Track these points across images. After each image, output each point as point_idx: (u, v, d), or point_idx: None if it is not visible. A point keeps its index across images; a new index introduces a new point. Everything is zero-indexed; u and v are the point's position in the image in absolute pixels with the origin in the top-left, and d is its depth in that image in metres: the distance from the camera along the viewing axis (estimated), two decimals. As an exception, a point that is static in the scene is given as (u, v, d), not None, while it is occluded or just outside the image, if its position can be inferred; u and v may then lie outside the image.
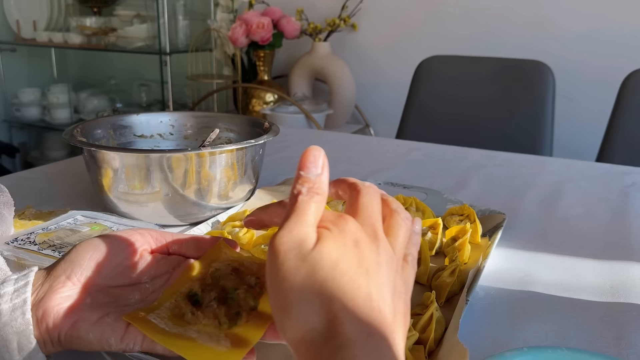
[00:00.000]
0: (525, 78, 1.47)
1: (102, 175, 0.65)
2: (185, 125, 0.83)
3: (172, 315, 0.36)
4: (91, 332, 0.34)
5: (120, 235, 0.39)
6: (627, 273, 0.59)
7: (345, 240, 0.30)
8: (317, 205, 0.31)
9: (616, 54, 1.82)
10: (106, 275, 0.37)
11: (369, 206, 0.33)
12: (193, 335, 0.35)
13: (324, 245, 0.29)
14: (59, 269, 0.37)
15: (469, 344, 0.39)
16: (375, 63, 2.25)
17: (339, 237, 0.30)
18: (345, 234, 0.30)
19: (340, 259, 0.29)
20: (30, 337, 0.33)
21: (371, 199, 0.33)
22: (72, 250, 0.38)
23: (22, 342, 0.33)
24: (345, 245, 0.29)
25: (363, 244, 0.30)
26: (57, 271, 0.36)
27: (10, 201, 0.59)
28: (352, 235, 0.30)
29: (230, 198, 0.69)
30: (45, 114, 2.67)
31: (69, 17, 2.54)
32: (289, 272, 0.28)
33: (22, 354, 0.33)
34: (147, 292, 0.39)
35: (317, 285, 0.28)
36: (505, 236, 0.67)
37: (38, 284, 0.36)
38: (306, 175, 0.32)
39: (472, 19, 2.02)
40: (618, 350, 0.45)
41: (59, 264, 0.37)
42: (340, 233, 0.30)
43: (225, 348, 0.34)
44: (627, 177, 0.93)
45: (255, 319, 0.36)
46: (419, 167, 0.99)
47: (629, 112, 1.31)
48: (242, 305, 0.37)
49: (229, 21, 2.29)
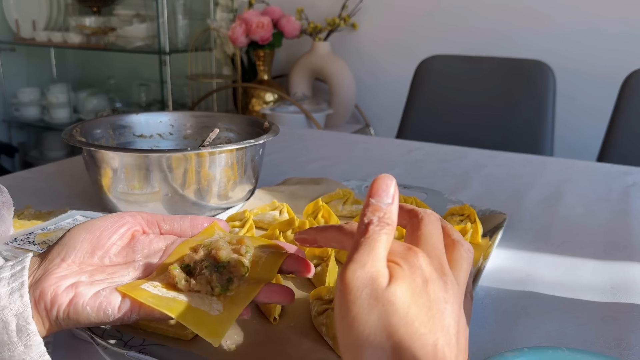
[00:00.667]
0: (526, 77, 1.47)
1: (102, 175, 0.65)
2: (184, 125, 0.83)
3: (166, 284, 0.37)
4: (88, 305, 0.35)
5: (112, 217, 0.40)
6: (628, 273, 0.59)
7: (416, 278, 0.29)
8: (387, 237, 0.31)
9: (617, 53, 1.82)
10: (100, 256, 0.38)
11: (433, 236, 0.33)
12: (186, 299, 0.36)
13: (397, 286, 0.28)
14: (54, 252, 0.38)
15: (469, 344, 0.39)
16: (376, 62, 2.25)
17: (410, 276, 0.29)
18: (415, 270, 0.30)
19: (412, 302, 0.28)
20: (29, 319, 0.34)
21: (434, 229, 0.33)
22: (66, 234, 0.39)
23: (21, 324, 0.34)
24: (417, 284, 0.29)
25: (433, 283, 0.30)
26: (51, 254, 0.38)
27: (9, 201, 0.58)
28: (421, 272, 0.30)
29: (230, 198, 0.69)
30: (44, 113, 2.67)
31: (68, 17, 2.54)
32: (361, 311, 0.28)
33: (21, 335, 0.34)
34: (141, 269, 0.40)
35: (390, 330, 0.28)
36: (505, 236, 0.67)
37: (34, 268, 0.37)
38: (377, 204, 0.31)
39: (472, 19, 2.02)
40: (619, 351, 0.45)
41: (53, 248, 0.38)
42: (411, 270, 0.30)
43: (217, 311, 0.35)
44: (628, 177, 0.93)
45: (246, 285, 0.38)
46: (419, 167, 0.98)
47: (630, 111, 1.31)
48: (234, 272, 0.38)
49: (229, 21, 2.28)
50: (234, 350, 0.43)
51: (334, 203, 0.73)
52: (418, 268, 0.30)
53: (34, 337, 0.34)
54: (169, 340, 0.43)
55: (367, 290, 0.28)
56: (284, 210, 0.68)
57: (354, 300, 0.28)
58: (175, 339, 0.44)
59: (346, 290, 0.29)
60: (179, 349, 0.43)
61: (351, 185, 0.81)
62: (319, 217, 0.67)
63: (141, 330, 0.45)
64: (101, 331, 0.45)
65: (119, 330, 0.45)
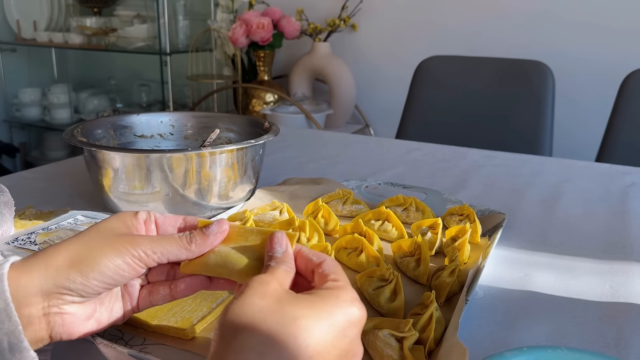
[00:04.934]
0: (525, 78, 1.48)
1: (103, 175, 0.65)
2: (185, 125, 0.83)
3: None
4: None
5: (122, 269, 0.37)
6: (626, 273, 0.59)
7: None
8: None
9: (616, 54, 1.82)
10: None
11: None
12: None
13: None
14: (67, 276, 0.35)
15: (469, 344, 0.39)
16: (375, 63, 2.26)
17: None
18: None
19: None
20: (20, 337, 0.33)
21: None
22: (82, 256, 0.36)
23: (13, 342, 0.33)
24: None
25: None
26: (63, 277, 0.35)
27: (10, 201, 0.59)
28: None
29: (231, 198, 0.70)
30: (45, 114, 2.67)
31: (69, 17, 2.54)
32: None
33: (14, 352, 0.33)
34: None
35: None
36: (505, 236, 0.67)
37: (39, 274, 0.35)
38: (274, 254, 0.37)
39: (472, 19, 2.02)
40: (617, 350, 0.45)
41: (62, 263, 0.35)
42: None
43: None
44: (627, 177, 0.93)
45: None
46: (419, 167, 0.99)
47: (628, 112, 1.31)
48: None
49: (229, 21, 2.29)
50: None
51: (334, 203, 0.73)
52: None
53: (28, 352, 0.33)
54: (169, 340, 0.44)
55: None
56: (284, 210, 0.68)
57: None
58: (175, 339, 0.44)
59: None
60: (179, 348, 0.43)
61: (351, 185, 0.81)
62: (319, 217, 0.68)
63: (142, 329, 0.45)
64: (102, 331, 0.45)
65: (120, 329, 0.45)
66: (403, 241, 0.60)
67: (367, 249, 0.57)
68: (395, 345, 0.41)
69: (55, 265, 0.34)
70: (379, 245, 0.61)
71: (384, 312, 0.49)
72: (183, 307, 0.47)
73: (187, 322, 0.45)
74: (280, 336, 0.29)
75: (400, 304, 0.48)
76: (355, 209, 0.73)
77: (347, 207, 0.73)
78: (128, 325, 0.45)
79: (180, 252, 0.38)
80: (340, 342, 0.31)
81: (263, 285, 0.32)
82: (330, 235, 0.67)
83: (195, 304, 0.47)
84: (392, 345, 0.41)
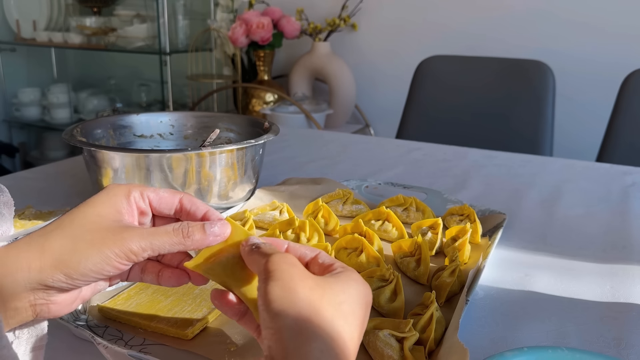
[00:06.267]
0: (525, 78, 1.47)
1: (102, 175, 0.65)
2: (185, 125, 0.83)
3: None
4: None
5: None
6: (627, 273, 0.59)
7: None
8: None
9: (616, 54, 1.82)
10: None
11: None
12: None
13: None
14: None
15: (469, 344, 0.39)
16: (375, 63, 2.26)
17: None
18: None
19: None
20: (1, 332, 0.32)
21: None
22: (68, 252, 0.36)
23: None
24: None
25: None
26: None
27: (10, 201, 0.58)
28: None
29: (231, 198, 0.69)
30: (45, 113, 2.67)
31: (68, 17, 2.54)
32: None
33: None
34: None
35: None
36: (505, 236, 0.67)
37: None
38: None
39: (472, 19, 2.02)
40: (618, 351, 0.45)
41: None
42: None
43: None
44: (628, 177, 0.93)
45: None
46: (419, 167, 0.99)
47: (629, 112, 1.31)
48: None
49: (229, 21, 2.29)
50: (234, 350, 0.43)
51: (334, 203, 0.73)
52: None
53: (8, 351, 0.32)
54: (169, 340, 0.44)
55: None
56: (284, 210, 0.68)
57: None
58: (175, 339, 0.44)
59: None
60: (179, 348, 0.43)
61: (351, 185, 0.81)
62: (319, 217, 0.67)
63: (142, 330, 0.45)
64: (102, 331, 0.45)
65: (120, 329, 0.45)
66: (403, 241, 0.60)
67: (367, 249, 0.57)
68: (396, 346, 0.41)
69: (39, 267, 0.34)
70: (379, 246, 0.60)
71: (384, 313, 0.49)
72: (183, 307, 0.47)
73: (187, 322, 0.45)
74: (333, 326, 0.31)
75: (401, 304, 0.48)
76: (356, 209, 0.73)
77: (347, 207, 0.73)
78: (128, 326, 0.45)
79: (173, 246, 0.37)
80: (365, 317, 0.34)
81: (294, 279, 0.33)
82: (330, 235, 0.67)
83: (195, 304, 0.47)
84: (393, 345, 0.41)
